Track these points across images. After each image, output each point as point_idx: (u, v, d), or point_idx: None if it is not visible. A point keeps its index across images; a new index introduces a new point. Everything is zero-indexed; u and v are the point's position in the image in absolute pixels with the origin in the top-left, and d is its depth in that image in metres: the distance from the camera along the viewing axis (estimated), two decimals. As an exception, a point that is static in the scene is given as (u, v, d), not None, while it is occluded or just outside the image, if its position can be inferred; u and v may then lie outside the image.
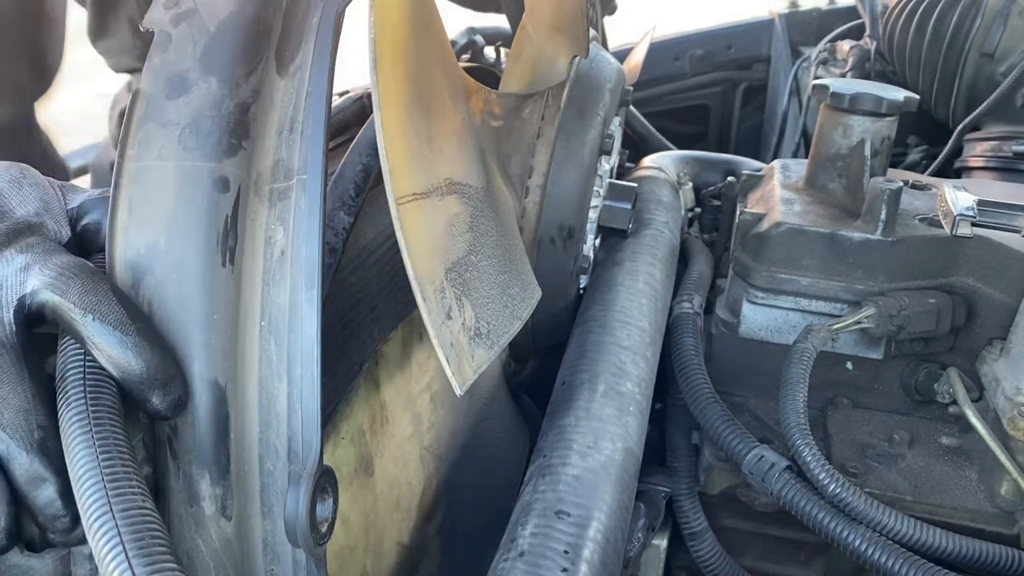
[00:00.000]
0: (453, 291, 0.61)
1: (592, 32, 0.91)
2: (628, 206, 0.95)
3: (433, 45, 0.65)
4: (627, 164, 1.33)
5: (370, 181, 0.73)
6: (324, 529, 0.52)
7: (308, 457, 0.51)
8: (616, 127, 0.95)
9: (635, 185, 1.00)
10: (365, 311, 0.73)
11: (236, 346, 0.51)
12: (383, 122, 0.54)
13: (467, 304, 0.62)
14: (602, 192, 0.94)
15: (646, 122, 1.63)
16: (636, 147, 1.59)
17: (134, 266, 0.50)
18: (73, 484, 0.44)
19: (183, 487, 0.51)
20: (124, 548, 0.42)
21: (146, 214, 0.50)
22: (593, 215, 0.92)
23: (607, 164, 0.95)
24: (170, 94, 0.52)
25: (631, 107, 1.58)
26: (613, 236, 0.98)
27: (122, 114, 1.40)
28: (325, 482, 0.52)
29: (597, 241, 0.97)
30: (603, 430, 0.69)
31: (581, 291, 0.93)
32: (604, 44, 1.24)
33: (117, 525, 0.42)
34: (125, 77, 1.56)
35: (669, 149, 1.53)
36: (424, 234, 0.59)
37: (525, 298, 0.71)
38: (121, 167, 0.51)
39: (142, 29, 0.54)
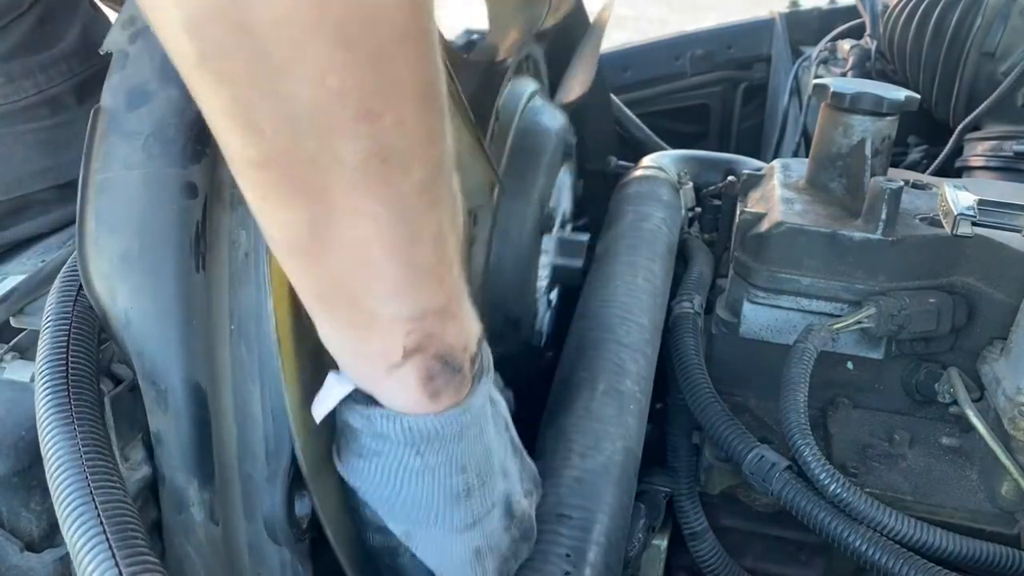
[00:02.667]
0: None
1: (533, 85, 0.86)
2: (579, 264, 0.93)
3: None
4: (624, 164, 1.33)
5: None
6: (304, 525, 0.52)
7: (281, 456, 0.51)
8: (565, 187, 0.92)
9: (586, 239, 0.98)
10: None
11: (211, 351, 0.51)
12: None
13: None
14: (550, 250, 0.92)
15: (640, 123, 1.62)
16: (632, 148, 1.59)
17: (108, 276, 0.50)
18: (49, 480, 0.44)
19: (170, 494, 0.50)
20: (110, 544, 0.42)
21: (116, 223, 0.50)
22: (545, 273, 0.90)
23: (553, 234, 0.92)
24: (131, 106, 0.51)
25: (624, 108, 1.57)
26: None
27: None
28: (301, 479, 0.52)
29: (554, 294, 0.95)
30: (603, 430, 0.69)
31: (549, 353, 0.91)
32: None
33: (103, 523, 0.42)
34: None
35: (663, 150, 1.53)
36: None
37: None
38: (87, 181, 0.51)
39: (101, 52, 0.54)
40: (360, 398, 0.50)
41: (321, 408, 0.51)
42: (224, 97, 0.38)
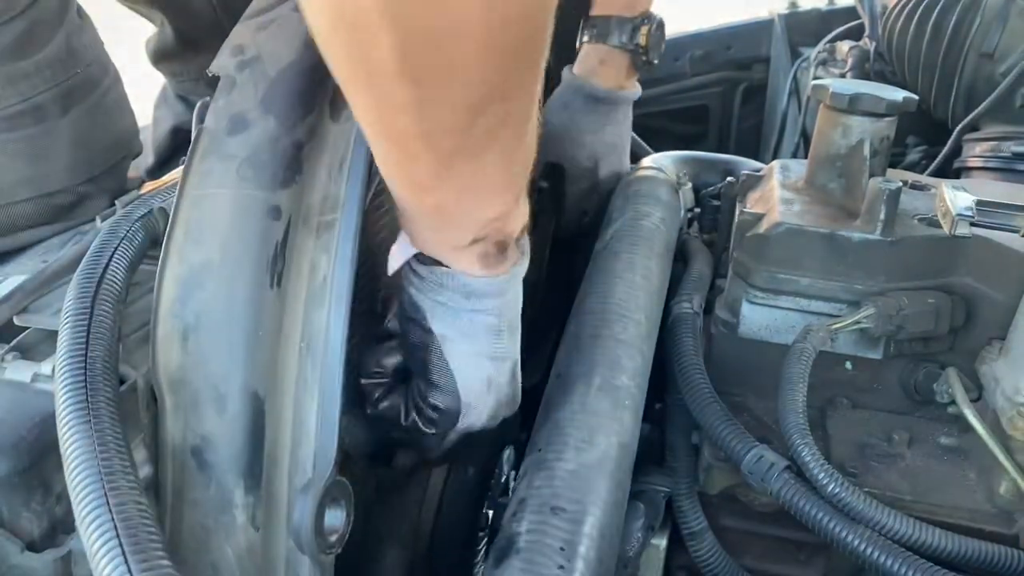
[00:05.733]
0: None
1: None
2: None
3: None
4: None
5: None
6: (333, 539, 0.53)
7: (323, 466, 0.53)
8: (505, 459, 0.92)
9: None
10: None
11: (276, 364, 0.54)
12: None
13: None
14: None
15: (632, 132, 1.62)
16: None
17: (185, 281, 0.53)
18: (68, 480, 0.45)
19: (215, 495, 0.52)
20: (121, 545, 0.42)
21: (202, 235, 0.54)
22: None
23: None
24: (231, 131, 0.56)
25: None
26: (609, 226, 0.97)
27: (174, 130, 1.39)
28: (338, 493, 0.53)
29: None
30: (598, 424, 0.69)
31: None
32: None
33: (114, 522, 0.43)
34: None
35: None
36: None
37: None
38: (182, 195, 0.55)
39: (208, 74, 0.59)
40: (424, 258, 0.63)
41: (394, 263, 0.63)
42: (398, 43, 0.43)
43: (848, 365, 0.91)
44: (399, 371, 0.69)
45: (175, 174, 0.73)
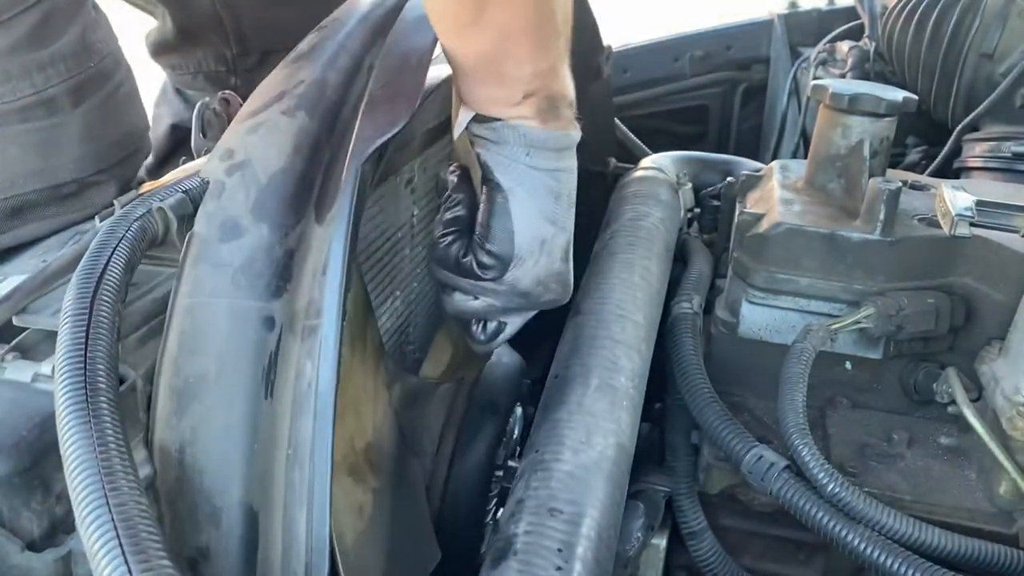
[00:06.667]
0: None
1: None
2: None
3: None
4: (624, 165, 1.33)
5: None
6: None
7: None
8: (516, 418, 0.94)
9: None
10: None
11: (267, 474, 0.54)
12: None
13: None
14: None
15: (628, 132, 1.63)
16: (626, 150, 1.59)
17: (181, 393, 0.54)
18: (68, 480, 0.45)
19: None
20: (120, 545, 0.42)
21: (197, 346, 0.54)
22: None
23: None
24: (223, 238, 0.56)
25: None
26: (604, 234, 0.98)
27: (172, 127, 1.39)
28: None
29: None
30: (595, 425, 0.69)
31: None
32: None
33: (114, 522, 0.43)
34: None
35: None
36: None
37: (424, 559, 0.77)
38: (175, 302, 0.56)
39: (200, 179, 0.60)
40: (484, 118, 0.69)
41: (458, 128, 0.70)
42: None
43: (848, 365, 0.91)
44: (465, 224, 0.74)
45: (175, 174, 0.73)
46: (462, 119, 0.69)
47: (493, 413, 0.88)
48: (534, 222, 0.71)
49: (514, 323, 0.78)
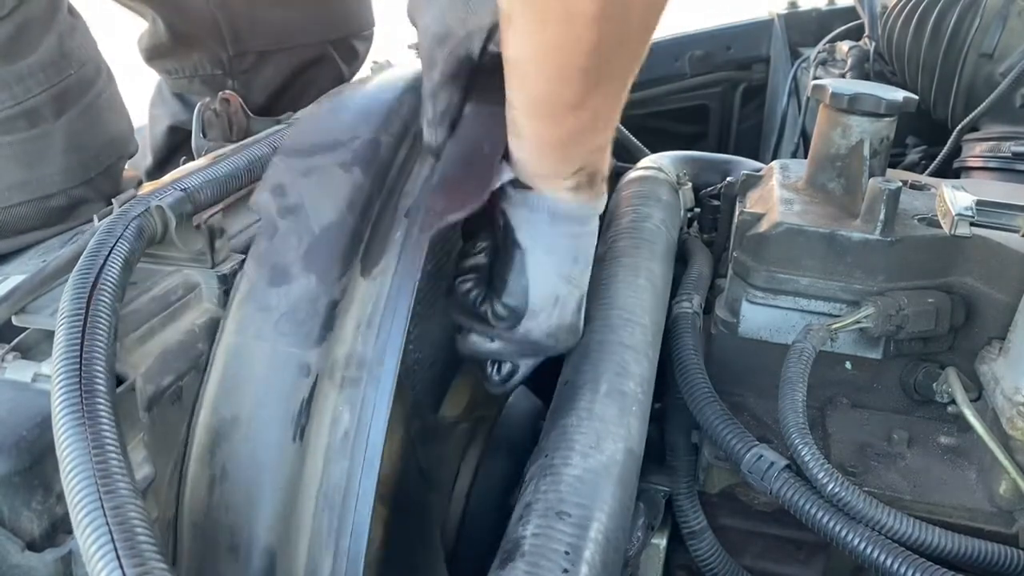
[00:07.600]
0: None
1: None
2: None
3: None
4: (623, 165, 1.33)
5: None
6: None
7: None
8: None
9: None
10: None
11: (292, 514, 0.55)
12: None
13: None
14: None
15: (627, 132, 1.63)
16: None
17: (216, 430, 0.56)
18: (64, 483, 0.45)
19: None
20: (115, 547, 0.42)
21: (235, 388, 0.57)
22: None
23: None
24: (272, 282, 0.58)
25: None
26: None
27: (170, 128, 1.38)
28: None
29: None
30: (605, 430, 0.69)
31: None
32: None
33: (109, 525, 0.43)
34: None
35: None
36: None
37: None
38: (220, 340, 0.58)
39: (250, 208, 0.61)
40: (519, 184, 0.69)
41: (495, 184, 0.68)
42: None
43: (848, 365, 0.91)
44: (485, 272, 0.76)
45: (174, 174, 0.72)
46: (500, 177, 0.68)
47: (511, 453, 0.89)
48: (551, 281, 0.72)
49: (527, 365, 0.79)
